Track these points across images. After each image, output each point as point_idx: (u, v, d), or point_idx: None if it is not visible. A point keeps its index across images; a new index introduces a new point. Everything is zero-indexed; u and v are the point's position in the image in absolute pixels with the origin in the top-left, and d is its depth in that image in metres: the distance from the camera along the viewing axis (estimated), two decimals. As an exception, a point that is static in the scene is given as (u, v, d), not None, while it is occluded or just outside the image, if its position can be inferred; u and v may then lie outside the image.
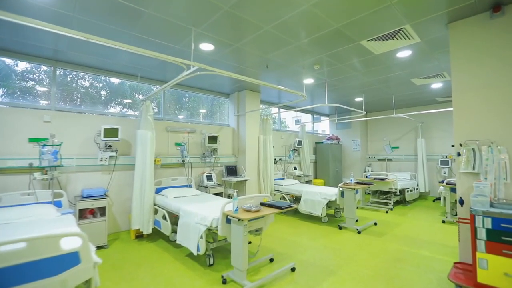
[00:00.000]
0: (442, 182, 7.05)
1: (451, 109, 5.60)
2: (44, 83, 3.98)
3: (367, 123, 8.83)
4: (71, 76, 4.21)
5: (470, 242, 2.39)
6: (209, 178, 5.12)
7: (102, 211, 3.72)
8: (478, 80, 2.69)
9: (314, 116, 8.79)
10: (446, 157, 7.10)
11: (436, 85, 5.41)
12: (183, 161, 4.90)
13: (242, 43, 3.41)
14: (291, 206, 2.90)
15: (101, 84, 4.54)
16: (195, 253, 2.98)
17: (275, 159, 6.64)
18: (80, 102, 4.29)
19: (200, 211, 3.13)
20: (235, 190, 3.44)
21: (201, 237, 2.92)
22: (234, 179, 5.28)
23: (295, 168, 6.93)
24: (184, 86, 5.40)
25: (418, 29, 3.07)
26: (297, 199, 5.43)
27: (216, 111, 6.24)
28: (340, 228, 4.55)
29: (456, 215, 5.41)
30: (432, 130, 7.45)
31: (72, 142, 3.86)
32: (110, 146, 4.07)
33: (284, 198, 5.53)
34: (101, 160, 3.97)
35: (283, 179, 6.51)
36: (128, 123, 4.40)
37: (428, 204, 6.72)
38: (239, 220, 2.55)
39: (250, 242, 3.33)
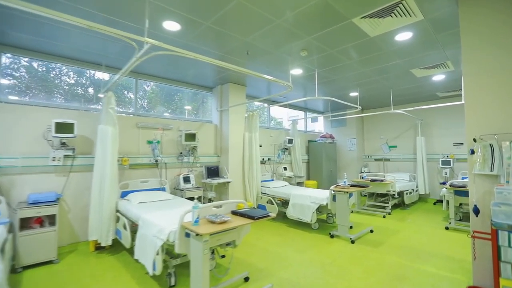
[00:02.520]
0: (444, 183, 6.57)
1: (455, 103, 5.16)
2: (-12, 70, 3.42)
3: (363, 120, 8.33)
4: (19, 63, 3.65)
5: (490, 263, 1.87)
6: (187, 180, 4.57)
7: (52, 219, 3.17)
8: (496, 61, 2.18)
9: (311, 115, 8.27)
10: (447, 156, 6.61)
11: (438, 77, 4.91)
12: (156, 161, 4.35)
13: (214, 21, 2.87)
14: (267, 215, 2.36)
15: (58, 73, 3.98)
16: (150, 272, 2.44)
17: (263, 158, 6.11)
18: (34, 94, 3.73)
19: (160, 221, 2.59)
20: (213, 194, 2.91)
21: (158, 254, 2.38)
22: (215, 181, 4.74)
23: (285, 168, 6.40)
24: (162, 78, 4.85)
25: (421, 3, 2.56)
26: (286, 203, 4.90)
27: (199, 107, 5.71)
28: (332, 236, 4.03)
29: (460, 220, 4.94)
30: (432, 128, 6.96)
31: (17, 139, 3.30)
32: (64, 143, 3.52)
33: (271, 202, 5.00)
34: (53, 160, 3.41)
35: (271, 180, 5.98)
36: (89, 117, 3.85)
37: (428, 207, 6.22)
38: (197, 235, 2.01)
39: (223, 256, 2.81)
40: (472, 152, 2.21)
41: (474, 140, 2.21)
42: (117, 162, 3.75)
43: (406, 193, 5.93)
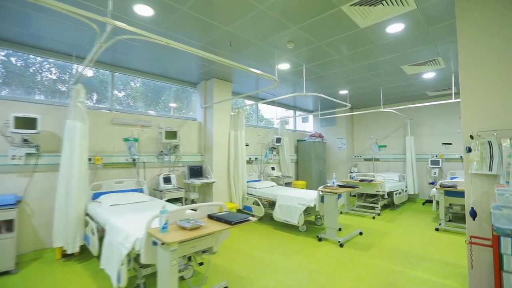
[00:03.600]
0: (432, 183, 6.50)
1: (445, 102, 5.07)
2: None
3: (353, 120, 8.21)
4: (-21, 51, 3.29)
5: (489, 272, 1.69)
6: (167, 180, 4.29)
7: (9, 225, 2.83)
8: (494, 53, 2.01)
9: (301, 114, 8.08)
10: (436, 156, 6.54)
11: (429, 74, 4.79)
12: (134, 160, 4.04)
13: (191, 6, 2.62)
14: (245, 220, 2.12)
15: (23, 64, 3.63)
16: (114, 284, 2.16)
17: (249, 158, 5.87)
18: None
19: (127, 227, 2.32)
20: (196, 195, 2.65)
21: (123, 264, 2.10)
22: (198, 182, 4.47)
23: (273, 168, 6.18)
24: (143, 72, 4.55)
25: (414, -11, 2.38)
26: (273, 204, 4.68)
27: (184, 105, 5.42)
28: (320, 239, 3.83)
29: (450, 221, 4.84)
30: (422, 127, 6.88)
31: (-28, 135, 2.95)
32: (27, 140, 3.18)
33: (257, 203, 4.77)
34: (13, 159, 3.07)
35: (259, 181, 5.75)
36: (57, 112, 3.52)
37: (417, 207, 6.12)
38: (163, 243, 1.76)
39: (201, 264, 2.56)
40: (469, 150, 2.03)
41: (471, 137, 2.04)
42: (89, 161, 3.46)
43: (396, 194, 5.81)
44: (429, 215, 5.34)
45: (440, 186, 4.39)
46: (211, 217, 2.26)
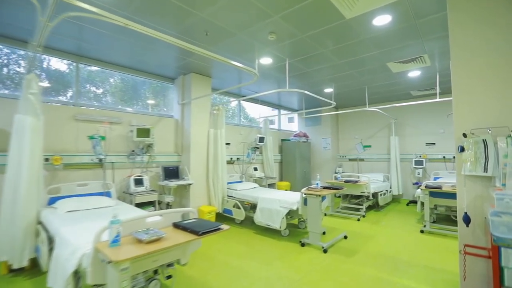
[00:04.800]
0: (416, 184, 6.47)
1: (430, 101, 4.99)
2: None
3: (338, 119, 8.10)
4: None
5: (484, 284, 1.51)
6: (139, 182, 3.93)
7: None
8: (489, 43, 1.84)
9: (285, 113, 7.87)
10: (420, 156, 6.51)
11: (414, 73, 4.69)
12: (100, 160, 3.66)
13: (158, -14, 2.31)
14: (216, 229, 1.85)
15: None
16: (59, 308, 1.82)
17: (231, 158, 5.59)
18: None
19: (77, 238, 1.98)
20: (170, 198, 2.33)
21: (69, 284, 1.77)
22: (173, 183, 4.14)
23: (255, 169, 5.92)
24: (115, 65, 4.17)
25: (403, -26, 2.19)
26: (255, 207, 4.41)
27: (161, 101, 5.06)
28: (303, 245, 3.60)
29: (434, 222, 4.75)
30: (406, 127, 6.85)
31: None
32: (-34, 137, 2.76)
33: (238, 206, 4.49)
34: (-51, 159, 2.64)
35: (240, 182, 5.48)
36: (7, 105, 3.10)
37: (402, 208, 6.05)
38: (108, 262, 1.45)
39: (169, 277, 2.24)
40: (462, 149, 1.85)
41: (464, 135, 1.86)
42: (46, 161, 3.09)
43: (381, 194, 5.70)
44: (414, 216, 5.26)
45: (426, 187, 4.28)
46: (176, 225, 1.96)
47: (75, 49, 3.64)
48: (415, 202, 6.31)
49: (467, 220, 1.78)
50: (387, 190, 6.09)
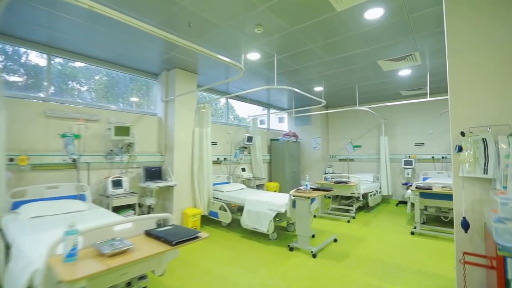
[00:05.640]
0: (406, 184, 6.42)
1: (420, 100, 4.92)
2: None
3: (328, 119, 8.01)
4: None
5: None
6: (117, 184, 3.67)
7: None
8: (488, 34, 1.72)
9: (275, 113, 7.70)
10: (409, 156, 6.48)
11: (404, 71, 4.61)
12: (74, 160, 3.39)
13: (131, -32, 2.09)
14: (192, 238, 1.65)
15: None
16: (9, 333, 1.58)
17: (218, 158, 5.38)
18: None
19: (34, 250, 1.74)
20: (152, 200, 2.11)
21: (20, 304, 1.53)
22: (155, 185, 3.90)
23: (243, 169, 5.73)
24: (93, 58, 3.89)
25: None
26: (242, 209, 4.22)
27: (143, 100, 4.80)
28: (291, 249, 3.44)
29: (424, 223, 4.69)
30: (395, 127, 6.81)
31: None
32: None
33: (224, 209, 4.29)
34: None
35: (227, 183, 5.27)
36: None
37: (391, 209, 5.99)
38: (58, 282, 1.23)
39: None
40: (460, 149, 1.72)
41: (462, 133, 1.72)
42: (10, 161, 2.82)
43: (371, 195, 5.61)
44: (403, 217, 5.19)
45: (416, 188, 4.20)
46: (149, 234, 1.75)
47: (46, 39, 3.35)
48: (404, 202, 6.28)
49: (465, 225, 1.65)
50: (377, 191, 6.02)
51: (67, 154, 3.29)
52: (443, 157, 6.06)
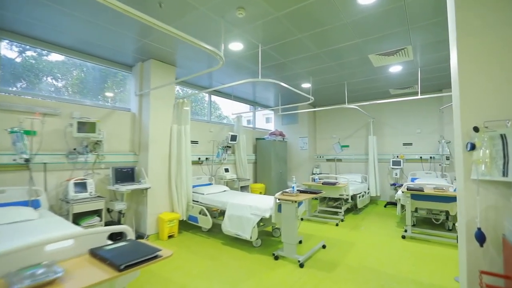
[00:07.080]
0: (394, 185, 6.29)
1: (412, 98, 4.65)
2: None
3: (315, 118, 7.78)
4: None
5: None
6: (81, 187, 3.23)
7: None
8: (503, 13, 1.46)
9: (261, 111, 7.38)
10: (397, 157, 6.34)
11: (395, 68, 4.41)
12: (26, 160, 2.92)
13: None
14: (148, 259, 1.29)
15: None
16: None
17: (199, 158, 5.00)
18: None
19: None
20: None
21: None
22: (125, 188, 3.48)
23: (226, 170, 5.37)
24: (58, 46, 3.43)
25: None
26: (223, 213, 3.87)
27: (116, 94, 4.35)
28: (276, 258, 3.13)
29: (414, 225, 4.50)
30: (384, 127, 6.66)
31: None
32: None
33: (204, 213, 3.92)
34: None
35: (209, 184, 4.91)
36: None
37: (380, 210, 5.82)
38: None
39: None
40: (473, 147, 1.45)
41: (476, 129, 1.46)
42: None
43: (359, 197, 5.40)
44: (393, 219, 5.00)
45: (407, 189, 4.00)
46: (93, 254, 1.38)
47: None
48: (392, 203, 6.13)
49: (481, 238, 1.38)
50: (365, 192, 5.83)
51: (16, 153, 2.82)
52: (431, 157, 5.96)
